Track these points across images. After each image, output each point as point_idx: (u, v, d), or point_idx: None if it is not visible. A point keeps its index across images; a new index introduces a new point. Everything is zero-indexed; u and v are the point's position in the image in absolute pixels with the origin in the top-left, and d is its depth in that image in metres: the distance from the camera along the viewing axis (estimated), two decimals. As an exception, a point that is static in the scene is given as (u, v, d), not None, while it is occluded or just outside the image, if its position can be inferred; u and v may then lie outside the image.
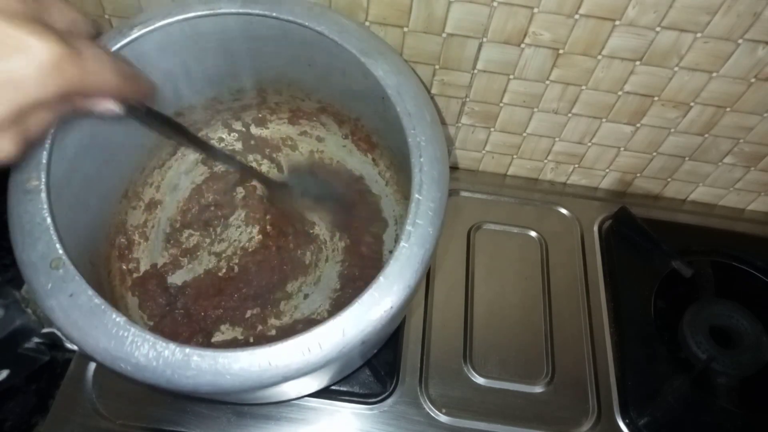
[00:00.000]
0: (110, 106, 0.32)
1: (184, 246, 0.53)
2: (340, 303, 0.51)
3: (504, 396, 0.52)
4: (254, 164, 0.57)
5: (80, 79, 0.28)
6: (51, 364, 0.51)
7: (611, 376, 0.54)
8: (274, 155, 0.57)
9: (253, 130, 0.57)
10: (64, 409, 0.49)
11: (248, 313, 0.50)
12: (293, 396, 0.49)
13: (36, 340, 0.36)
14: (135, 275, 0.50)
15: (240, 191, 0.56)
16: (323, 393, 0.50)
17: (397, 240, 0.37)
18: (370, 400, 0.51)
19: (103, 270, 0.46)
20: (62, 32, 0.27)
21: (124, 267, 0.50)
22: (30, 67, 0.25)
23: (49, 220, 0.35)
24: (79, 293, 0.34)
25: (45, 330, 0.35)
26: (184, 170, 0.56)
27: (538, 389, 0.53)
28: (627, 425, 0.51)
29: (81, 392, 0.49)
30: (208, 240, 0.54)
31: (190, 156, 0.56)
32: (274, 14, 0.43)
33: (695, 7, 0.46)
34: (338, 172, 0.56)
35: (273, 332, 0.50)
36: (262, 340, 0.49)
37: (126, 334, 0.33)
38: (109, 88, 0.31)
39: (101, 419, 0.48)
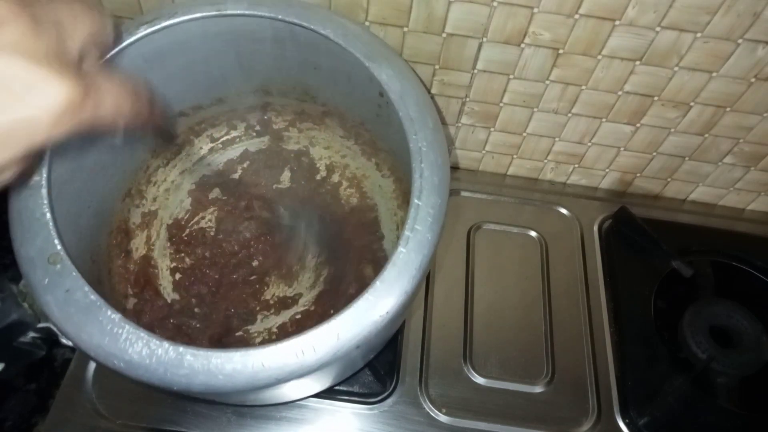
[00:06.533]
0: (116, 134, 0.31)
1: (186, 246, 0.53)
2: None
3: (504, 396, 0.52)
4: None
5: (94, 116, 0.27)
6: (51, 364, 0.51)
7: (611, 376, 0.54)
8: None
9: (257, 130, 0.57)
10: (64, 409, 0.49)
11: (257, 307, 0.51)
12: (295, 397, 0.49)
13: (32, 334, 0.36)
14: (136, 273, 0.50)
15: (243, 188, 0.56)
16: (323, 393, 0.49)
17: (395, 245, 0.37)
18: (370, 400, 0.51)
19: (104, 267, 0.46)
20: (79, 60, 0.26)
21: (126, 265, 0.50)
22: (46, 109, 0.25)
23: (48, 215, 0.35)
24: (75, 289, 0.34)
25: (41, 325, 0.35)
26: (188, 169, 0.56)
27: (538, 389, 0.53)
28: (627, 425, 0.51)
29: (81, 392, 0.49)
30: (210, 239, 0.54)
31: (194, 156, 0.56)
32: (280, 16, 0.43)
33: (695, 6, 0.46)
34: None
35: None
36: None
37: (120, 331, 0.33)
38: (121, 121, 0.30)
39: (101, 419, 0.48)
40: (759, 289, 0.60)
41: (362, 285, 0.46)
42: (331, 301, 0.50)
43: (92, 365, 0.51)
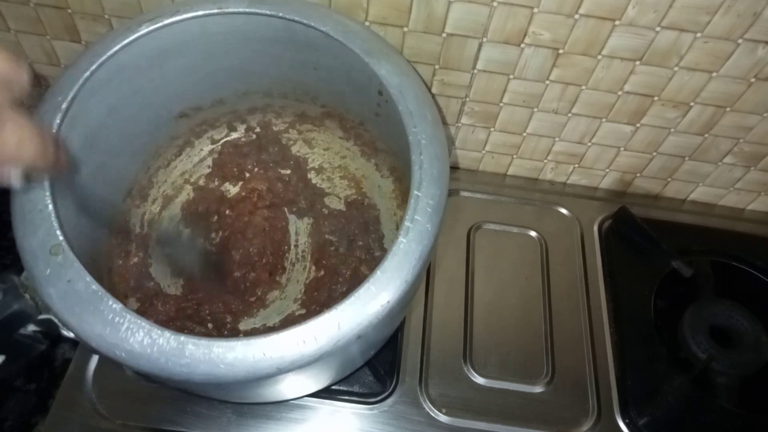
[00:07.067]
0: (13, 176, 0.31)
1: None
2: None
3: (504, 396, 0.52)
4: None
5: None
6: (51, 364, 0.51)
7: (611, 376, 0.54)
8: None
9: (258, 132, 0.57)
10: (64, 409, 0.49)
11: (256, 307, 0.51)
12: (294, 395, 0.49)
13: (32, 327, 0.36)
14: (136, 273, 0.50)
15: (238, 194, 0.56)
16: (323, 393, 0.49)
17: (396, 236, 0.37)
18: (370, 400, 0.51)
19: (104, 267, 0.46)
20: None
21: (126, 265, 0.50)
22: None
23: (50, 207, 0.36)
24: (77, 279, 0.34)
25: (42, 316, 0.35)
26: (189, 171, 0.56)
27: (538, 389, 0.53)
28: (627, 425, 0.51)
29: (81, 392, 0.49)
30: (210, 239, 0.54)
31: (194, 157, 0.56)
32: (280, 14, 0.43)
33: (695, 6, 0.46)
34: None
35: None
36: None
37: (122, 320, 0.33)
38: (22, 162, 0.31)
39: (101, 419, 0.48)
40: (759, 289, 0.60)
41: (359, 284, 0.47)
42: (328, 301, 0.50)
43: (92, 365, 0.51)
